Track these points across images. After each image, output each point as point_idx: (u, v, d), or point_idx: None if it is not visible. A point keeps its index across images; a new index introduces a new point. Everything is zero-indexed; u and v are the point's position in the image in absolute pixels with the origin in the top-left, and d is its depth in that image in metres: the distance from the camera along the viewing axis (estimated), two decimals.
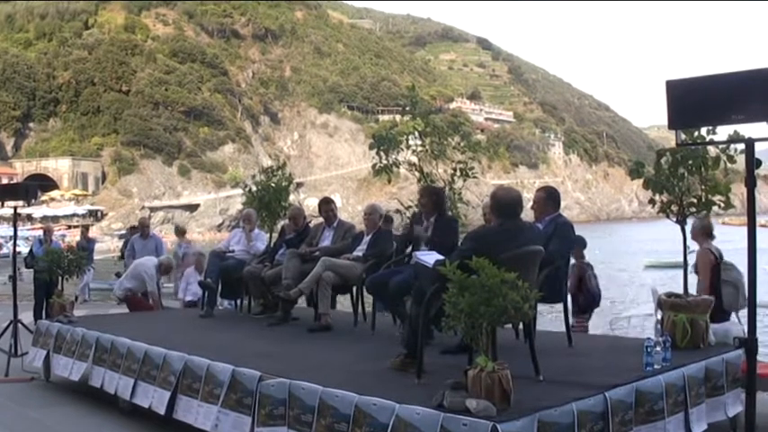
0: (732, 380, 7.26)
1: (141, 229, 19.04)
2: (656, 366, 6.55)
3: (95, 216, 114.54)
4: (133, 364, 8.83)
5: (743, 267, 6.55)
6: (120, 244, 22.12)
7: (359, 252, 10.35)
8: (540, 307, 7.84)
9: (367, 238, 10.47)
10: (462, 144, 12.72)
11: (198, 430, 7.80)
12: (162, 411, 8.00)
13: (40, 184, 16.43)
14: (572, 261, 10.39)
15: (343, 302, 12.63)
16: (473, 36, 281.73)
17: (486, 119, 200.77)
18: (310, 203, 72.39)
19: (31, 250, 20.20)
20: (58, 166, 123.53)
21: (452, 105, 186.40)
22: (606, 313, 16.11)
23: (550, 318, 14.47)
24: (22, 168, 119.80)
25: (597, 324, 14.36)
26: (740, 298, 9.48)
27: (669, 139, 6.98)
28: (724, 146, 7.40)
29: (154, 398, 8.27)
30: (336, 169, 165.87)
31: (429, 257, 7.21)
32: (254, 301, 12.11)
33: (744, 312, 9.45)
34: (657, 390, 6.31)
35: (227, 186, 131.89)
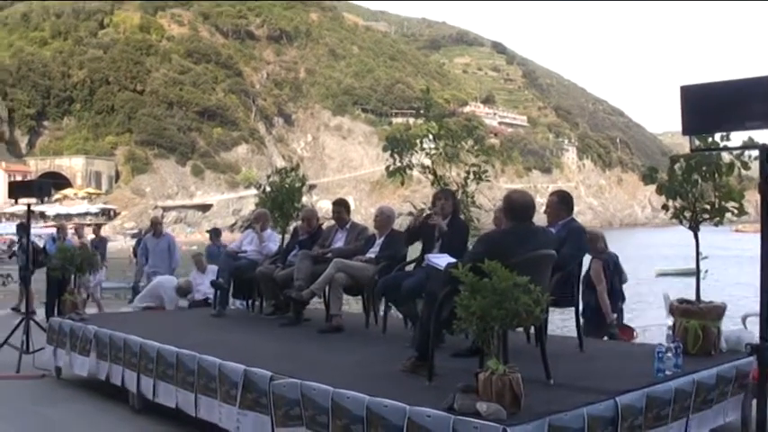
0: (739, 386, 7.26)
1: (154, 227, 19.10)
2: (667, 372, 6.54)
3: (108, 215, 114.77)
4: (149, 363, 8.87)
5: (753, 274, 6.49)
6: (133, 243, 22.12)
7: (371, 254, 10.36)
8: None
9: (379, 241, 10.48)
10: (476, 148, 12.69)
11: (201, 425, 7.86)
12: (192, 413, 8.04)
13: (53, 182, 16.47)
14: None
15: (352, 303, 12.69)
16: (488, 40, 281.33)
17: (500, 123, 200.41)
18: (323, 205, 72.59)
19: (44, 248, 20.27)
20: (72, 165, 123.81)
21: (466, 109, 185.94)
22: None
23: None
24: (35, 166, 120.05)
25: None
26: None
27: (683, 145, 6.94)
28: (738, 152, 7.38)
29: (178, 399, 8.33)
30: (349, 171, 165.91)
31: (441, 260, 7.23)
32: (265, 302, 12.14)
33: (752, 319, 9.45)
34: (668, 396, 6.30)
35: (241, 187, 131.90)
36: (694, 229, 7.94)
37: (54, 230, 21.78)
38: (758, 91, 5.23)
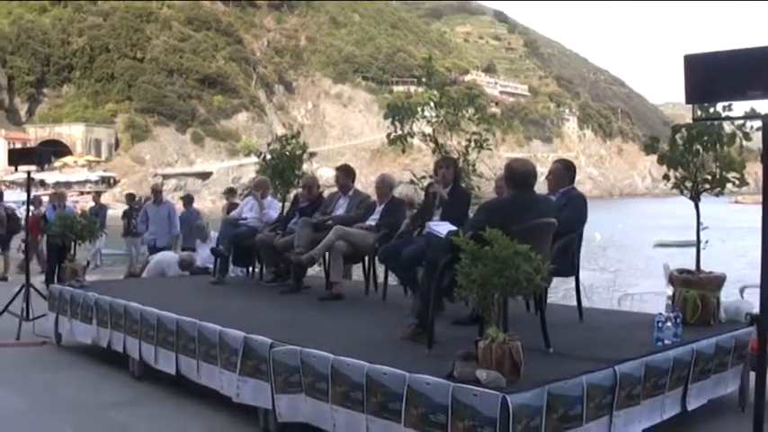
0: (738, 356, 7.29)
1: (154, 195, 19.22)
2: (666, 342, 6.57)
3: (108, 183, 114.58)
4: (149, 330, 8.89)
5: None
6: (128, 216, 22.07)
7: (371, 222, 10.36)
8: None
9: (379, 208, 10.48)
10: (477, 116, 12.69)
11: (202, 392, 7.91)
12: (196, 378, 8.10)
13: (53, 150, 16.45)
14: None
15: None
16: (490, 9, 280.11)
17: (501, 92, 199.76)
18: (324, 173, 72.46)
19: (44, 215, 20.33)
20: (72, 132, 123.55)
21: (467, 78, 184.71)
22: (615, 289, 16.07)
23: None
24: (35, 134, 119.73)
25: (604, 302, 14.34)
26: None
27: (684, 116, 6.96)
28: (740, 123, 7.38)
29: (180, 365, 8.37)
30: (350, 140, 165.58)
31: (442, 228, 7.23)
32: (265, 269, 12.15)
33: (750, 290, 9.44)
34: (666, 365, 6.33)
35: (241, 155, 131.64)
36: (695, 199, 7.95)
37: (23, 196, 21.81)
38: (761, 60, 5.23)
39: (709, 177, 7.88)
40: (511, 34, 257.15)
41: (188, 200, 20.20)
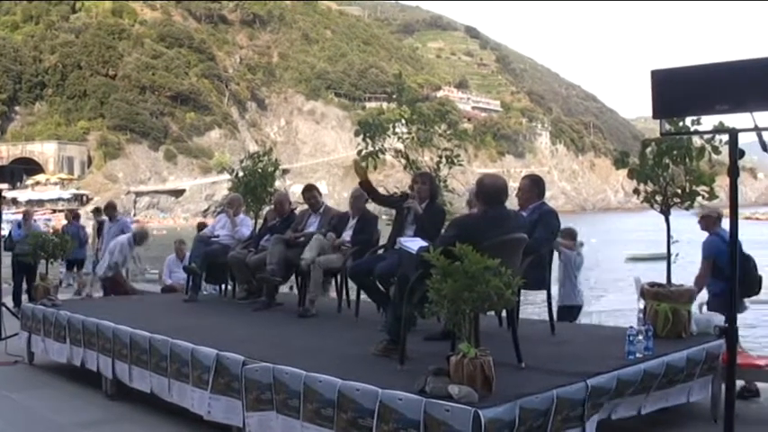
0: (708, 368, 7.31)
1: (107, 212, 19.19)
2: (638, 355, 6.59)
3: (80, 200, 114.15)
4: (123, 348, 8.83)
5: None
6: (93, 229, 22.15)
7: (346, 236, 10.36)
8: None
9: (353, 222, 10.48)
10: (449, 132, 12.73)
11: (174, 411, 7.86)
12: (167, 397, 8.04)
13: (25, 168, 16.32)
14: None
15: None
16: (461, 25, 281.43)
17: (474, 108, 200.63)
18: (296, 190, 72.43)
19: (9, 233, 20.18)
20: (44, 150, 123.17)
21: (439, 94, 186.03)
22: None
23: None
24: (7, 152, 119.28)
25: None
26: None
27: (655, 131, 6.98)
28: (709, 136, 7.43)
29: (153, 383, 8.30)
30: (323, 156, 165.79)
31: (413, 244, 7.24)
32: (238, 287, 12.13)
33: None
34: (637, 378, 6.35)
35: (213, 172, 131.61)
36: (665, 212, 7.99)
37: None
38: (728, 76, 5.27)
39: (679, 191, 7.93)
40: (483, 50, 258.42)
41: (72, 216, 20.83)
